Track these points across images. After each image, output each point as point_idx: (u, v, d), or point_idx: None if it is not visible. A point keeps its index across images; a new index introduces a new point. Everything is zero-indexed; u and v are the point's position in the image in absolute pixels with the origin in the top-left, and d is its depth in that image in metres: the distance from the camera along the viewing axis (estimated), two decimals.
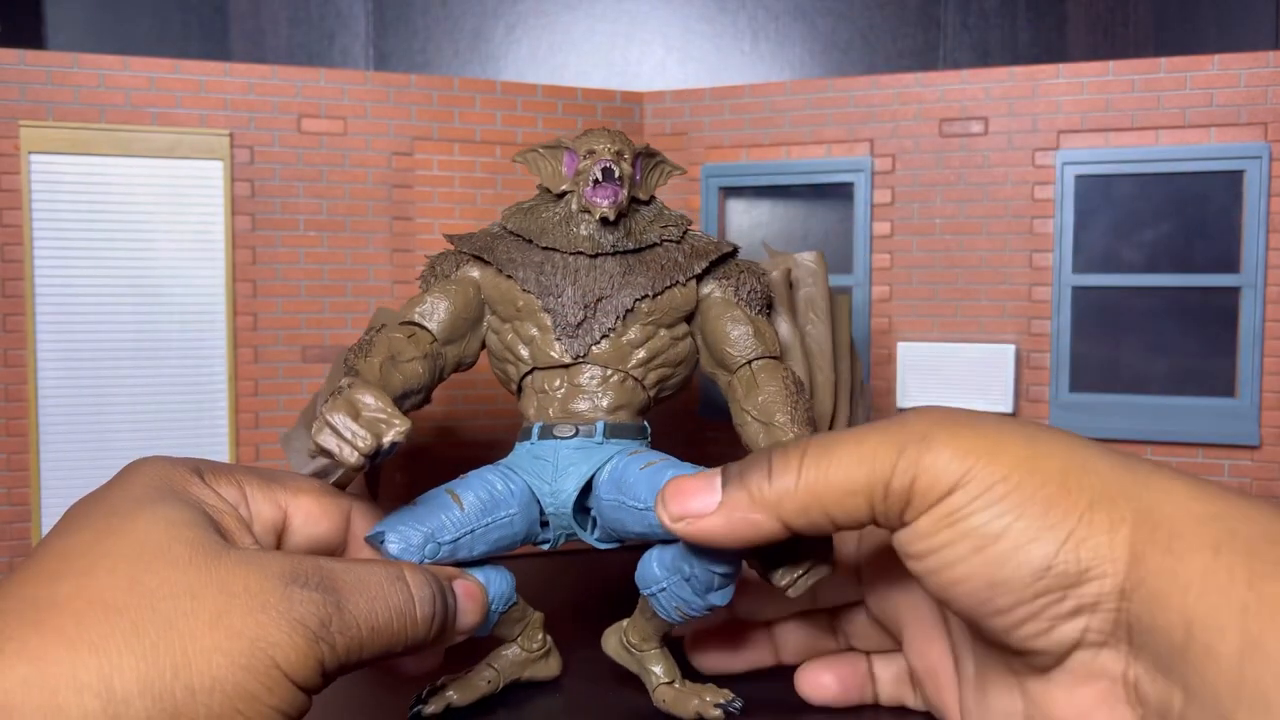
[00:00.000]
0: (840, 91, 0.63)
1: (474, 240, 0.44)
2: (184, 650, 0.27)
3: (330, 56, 0.91)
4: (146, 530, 0.30)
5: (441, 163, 0.63)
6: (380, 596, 0.32)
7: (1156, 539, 0.28)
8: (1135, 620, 0.29)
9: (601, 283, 0.42)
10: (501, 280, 0.43)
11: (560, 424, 0.41)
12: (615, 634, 0.43)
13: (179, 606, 0.28)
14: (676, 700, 0.40)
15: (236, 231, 0.60)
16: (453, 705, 0.40)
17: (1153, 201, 0.58)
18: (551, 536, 0.41)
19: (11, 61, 0.56)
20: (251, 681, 0.28)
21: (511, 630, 0.42)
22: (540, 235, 0.43)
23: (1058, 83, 0.58)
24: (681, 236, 0.44)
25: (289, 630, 0.29)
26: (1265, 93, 0.55)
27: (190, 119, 0.59)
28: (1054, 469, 0.30)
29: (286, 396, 0.61)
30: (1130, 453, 0.32)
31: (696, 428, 0.65)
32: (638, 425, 0.42)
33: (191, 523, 0.31)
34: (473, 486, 0.39)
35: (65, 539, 0.30)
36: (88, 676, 0.26)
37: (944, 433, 0.30)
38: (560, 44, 0.92)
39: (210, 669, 0.27)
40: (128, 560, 0.29)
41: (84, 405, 0.58)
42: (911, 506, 0.31)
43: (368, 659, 0.32)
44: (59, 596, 0.28)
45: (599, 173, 0.42)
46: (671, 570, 0.38)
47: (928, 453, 0.30)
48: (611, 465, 0.40)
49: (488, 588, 0.39)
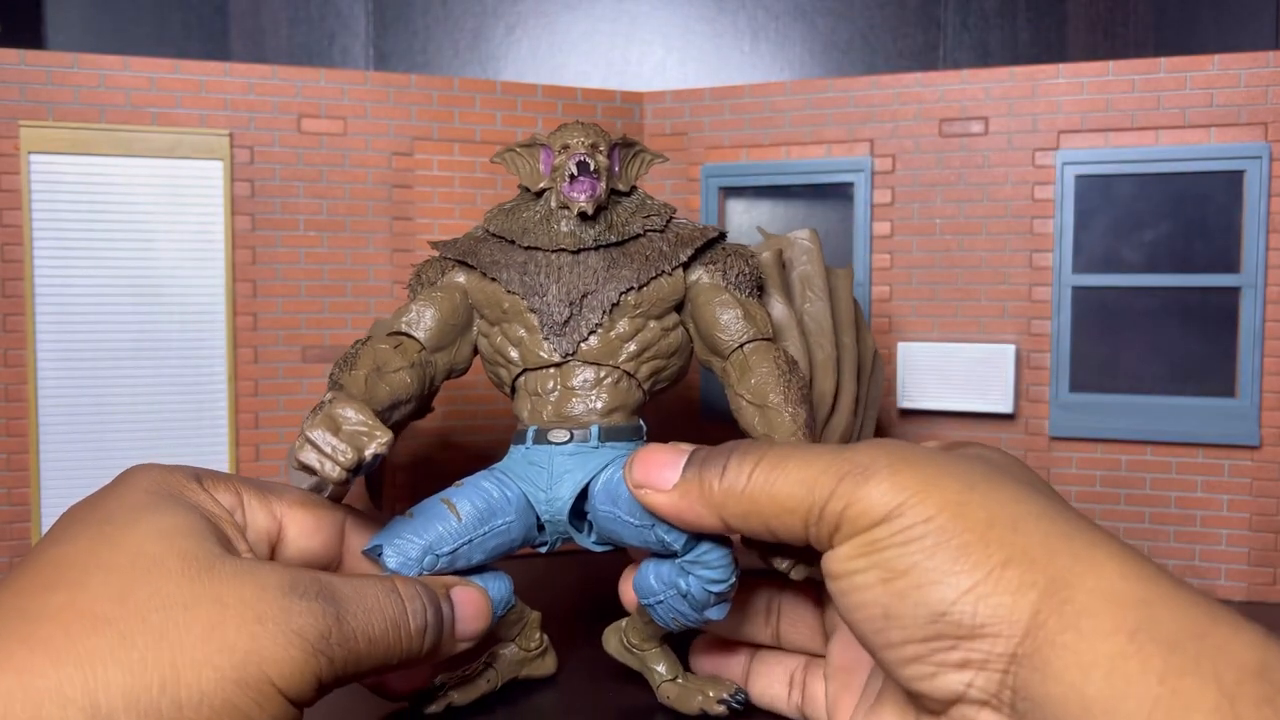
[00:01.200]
0: (840, 91, 0.63)
1: (457, 245, 0.44)
2: (173, 664, 0.27)
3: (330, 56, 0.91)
4: (141, 540, 0.30)
5: (441, 163, 0.63)
6: (376, 608, 0.32)
7: (1065, 613, 0.27)
8: (1022, 688, 0.28)
9: (585, 278, 0.41)
10: (486, 283, 0.42)
11: (555, 428, 0.41)
12: (615, 634, 0.43)
13: (171, 619, 0.28)
14: (680, 696, 0.41)
15: (236, 231, 0.60)
16: (453, 704, 0.41)
17: (1153, 201, 0.58)
18: (548, 539, 0.41)
19: (12, 61, 0.56)
20: (242, 697, 0.28)
21: (510, 630, 0.43)
22: (522, 235, 0.43)
23: (1058, 83, 0.58)
24: (665, 225, 0.43)
25: (285, 643, 0.29)
26: (1265, 93, 0.55)
27: (190, 119, 0.59)
28: (980, 518, 0.29)
29: (286, 397, 0.61)
30: (1085, 520, 0.31)
31: (697, 430, 0.65)
32: (633, 426, 0.42)
33: (188, 531, 0.31)
34: (469, 496, 0.39)
35: (60, 547, 0.30)
36: (73, 691, 0.26)
37: (885, 467, 0.30)
38: (560, 44, 0.92)
39: (199, 683, 0.27)
40: (121, 571, 0.28)
41: (84, 405, 0.58)
42: (840, 532, 0.31)
43: (364, 672, 0.32)
44: (49, 608, 0.27)
45: (574, 167, 0.41)
46: (668, 585, 0.38)
47: (865, 484, 0.30)
48: (606, 475, 0.39)
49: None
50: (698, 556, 0.36)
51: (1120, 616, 0.27)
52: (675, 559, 0.37)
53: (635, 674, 0.43)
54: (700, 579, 0.37)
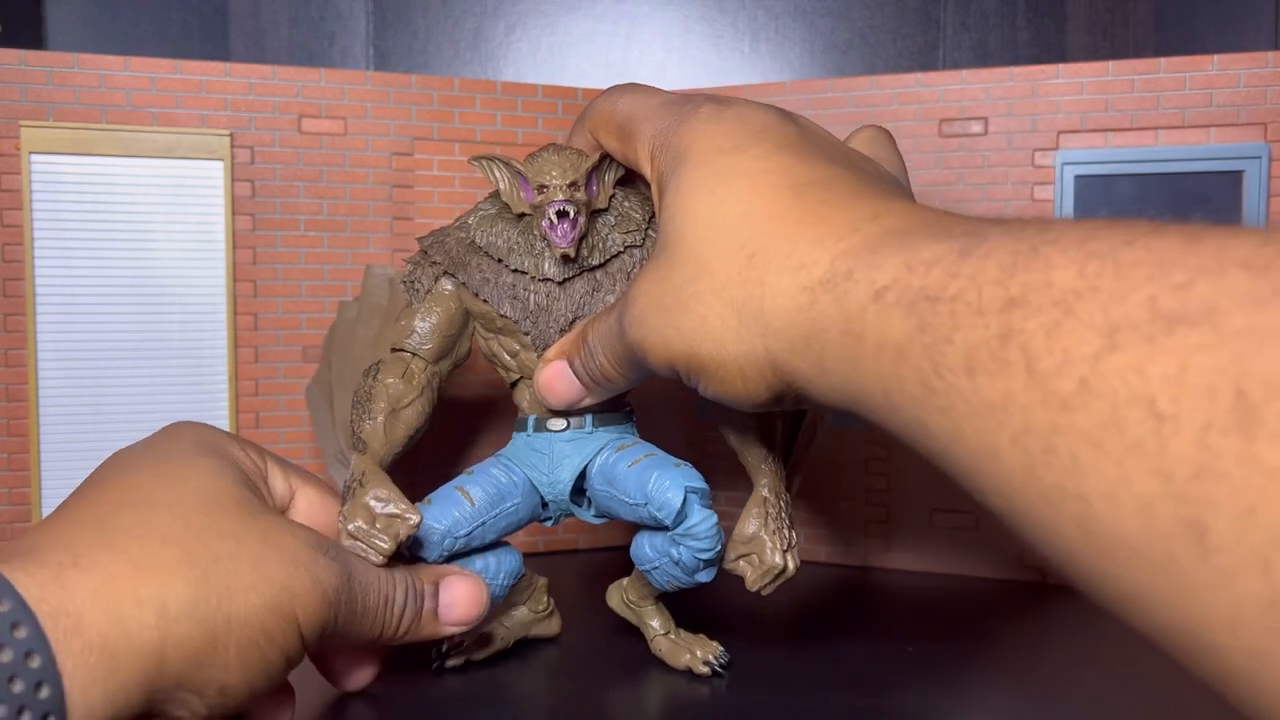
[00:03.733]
0: (840, 92, 0.63)
1: (447, 249, 0.46)
2: (227, 585, 0.31)
3: (330, 57, 0.91)
4: (198, 478, 0.34)
5: (442, 163, 0.63)
6: (373, 583, 0.37)
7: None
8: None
9: (573, 305, 0.44)
10: (478, 302, 0.45)
11: (552, 417, 0.45)
12: (617, 591, 0.48)
13: (225, 547, 0.32)
14: (671, 651, 0.46)
15: (237, 231, 0.60)
16: (470, 658, 0.46)
17: (1152, 202, 0.58)
18: (552, 515, 0.46)
19: (12, 62, 0.56)
20: (275, 623, 0.32)
21: (520, 595, 0.48)
22: (508, 255, 0.45)
23: (1057, 83, 0.58)
24: (644, 239, 0.45)
25: (312, 588, 0.33)
26: (1265, 93, 0.55)
27: (191, 119, 0.59)
28: None
29: (287, 396, 0.61)
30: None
31: (696, 428, 0.65)
32: (623, 412, 0.46)
33: (235, 480, 0.35)
34: (480, 482, 0.44)
35: (125, 476, 0.34)
36: (147, 593, 0.29)
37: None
38: (560, 44, 0.92)
39: (245, 604, 0.31)
40: (184, 503, 0.33)
41: (84, 405, 0.58)
42: None
43: (352, 637, 0.37)
44: (124, 523, 0.31)
45: (553, 215, 0.43)
46: (661, 554, 0.42)
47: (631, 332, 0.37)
48: (602, 458, 0.44)
49: (500, 567, 0.44)
50: (687, 530, 0.41)
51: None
52: (667, 532, 0.41)
53: (629, 633, 0.48)
54: (690, 549, 0.41)
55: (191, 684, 0.30)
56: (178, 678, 0.30)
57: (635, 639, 0.48)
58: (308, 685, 0.40)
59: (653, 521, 0.41)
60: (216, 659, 0.30)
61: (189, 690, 0.30)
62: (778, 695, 0.43)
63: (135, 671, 0.28)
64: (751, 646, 0.48)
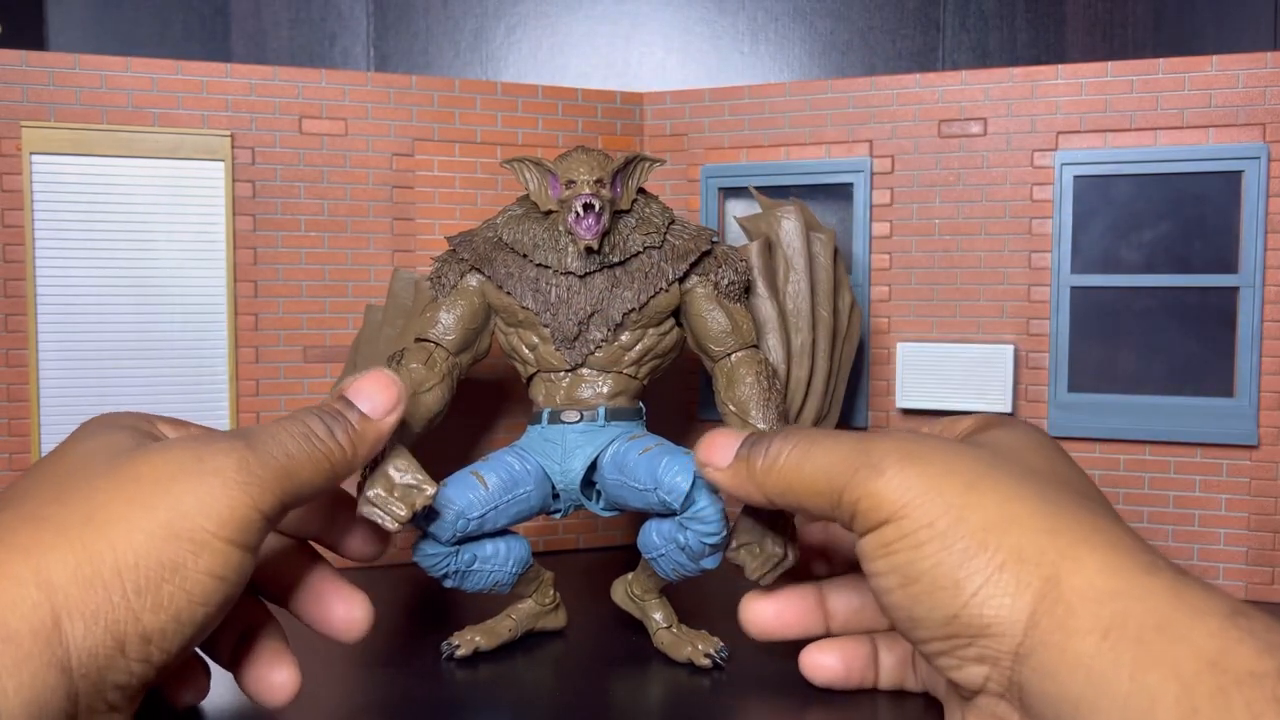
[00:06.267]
0: (839, 93, 0.63)
1: (474, 247, 0.48)
2: (108, 539, 0.30)
3: (331, 58, 0.91)
4: (72, 455, 0.34)
5: (442, 164, 0.63)
6: (284, 429, 0.35)
7: (1055, 612, 0.30)
8: (1026, 684, 0.30)
9: (592, 299, 0.47)
10: (502, 295, 0.47)
11: (566, 410, 0.47)
12: (621, 585, 0.50)
13: (97, 504, 0.31)
14: (673, 644, 0.47)
15: (238, 232, 0.60)
16: (480, 649, 0.47)
17: (1151, 202, 0.58)
18: (562, 506, 0.47)
19: (13, 62, 0.56)
20: (175, 549, 0.31)
21: (528, 588, 0.49)
22: (533, 250, 0.47)
23: (1056, 84, 0.59)
24: (663, 241, 0.48)
25: (204, 490, 0.32)
26: (1264, 93, 0.55)
27: (192, 120, 0.59)
28: (976, 522, 0.32)
29: (288, 397, 0.61)
30: (1079, 507, 0.33)
31: (696, 428, 0.66)
32: (634, 408, 0.48)
33: (117, 441, 0.34)
34: (494, 469, 0.45)
35: (22, 480, 0.35)
36: (25, 573, 0.29)
37: (894, 465, 0.34)
38: (561, 45, 0.92)
39: (132, 548, 0.30)
40: (57, 478, 0.33)
41: (85, 405, 0.58)
42: (856, 523, 0.34)
43: (306, 492, 0.35)
44: (6, 518, 0.31)
45: (580, 208, 0.45)
46: (668, 540, 0.44)
47: (874, 480, 0.34)
48: (614, 448, 0.45)
49: (510, 553, 0.45)
50: (694, 513, 0.42)
51: (1096, 614, 0.29)
52: (674, 517, 0.42)
53: (632, 627, 0.49)
54: (696, 532, 0.42)
55: (106, 645, 0.29)
56: (90, 647, 0.29)
57: (638, 632, 0.49)
58: (317, 677, 0.41)
59: (661, 506, 0.43)
60: (122, 611, 0.30)
61: (110, 651, 0.30)
62: (776, 688, 0.44)
63: (43, 651, 0.28)
64: (750, 641, 0.48)
